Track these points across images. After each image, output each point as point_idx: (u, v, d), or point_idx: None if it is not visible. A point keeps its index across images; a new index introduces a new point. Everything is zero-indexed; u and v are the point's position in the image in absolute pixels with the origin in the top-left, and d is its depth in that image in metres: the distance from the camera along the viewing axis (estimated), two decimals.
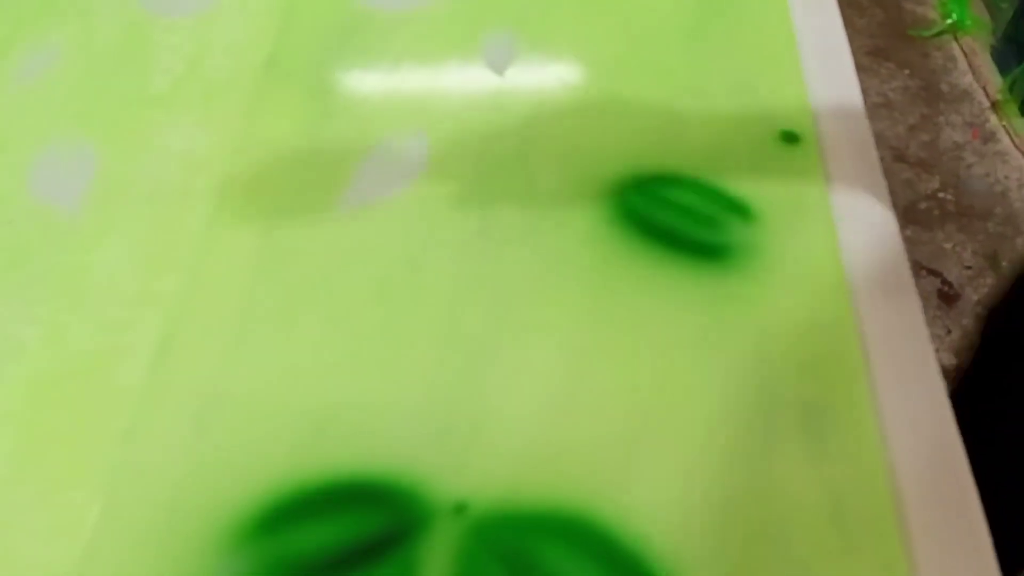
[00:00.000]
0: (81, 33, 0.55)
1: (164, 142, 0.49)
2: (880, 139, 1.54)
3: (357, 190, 0.47)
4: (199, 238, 0.45)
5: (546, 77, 0.52)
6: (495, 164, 0.47)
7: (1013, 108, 1.57)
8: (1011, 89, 1.56)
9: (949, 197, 1.49)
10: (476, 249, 0.44)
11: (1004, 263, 1.41)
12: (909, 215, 1.48)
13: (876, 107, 1.57)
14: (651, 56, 0.52)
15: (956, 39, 1.79)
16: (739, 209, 0.44)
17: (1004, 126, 1.59)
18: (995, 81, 1.61)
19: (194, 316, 0.42)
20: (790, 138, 0.47)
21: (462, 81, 0.52)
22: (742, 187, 0.45)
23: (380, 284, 0.43)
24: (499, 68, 0.53)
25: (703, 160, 0.47)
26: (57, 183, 0.47)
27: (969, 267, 1.43)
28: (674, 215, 0.44)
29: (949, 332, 1.36)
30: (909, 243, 1.34)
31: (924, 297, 1.39)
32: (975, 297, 1.39)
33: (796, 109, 0.49)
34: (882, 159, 0.54)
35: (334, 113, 0.51)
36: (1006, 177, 1.52)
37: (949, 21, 1.74)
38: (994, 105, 1.60)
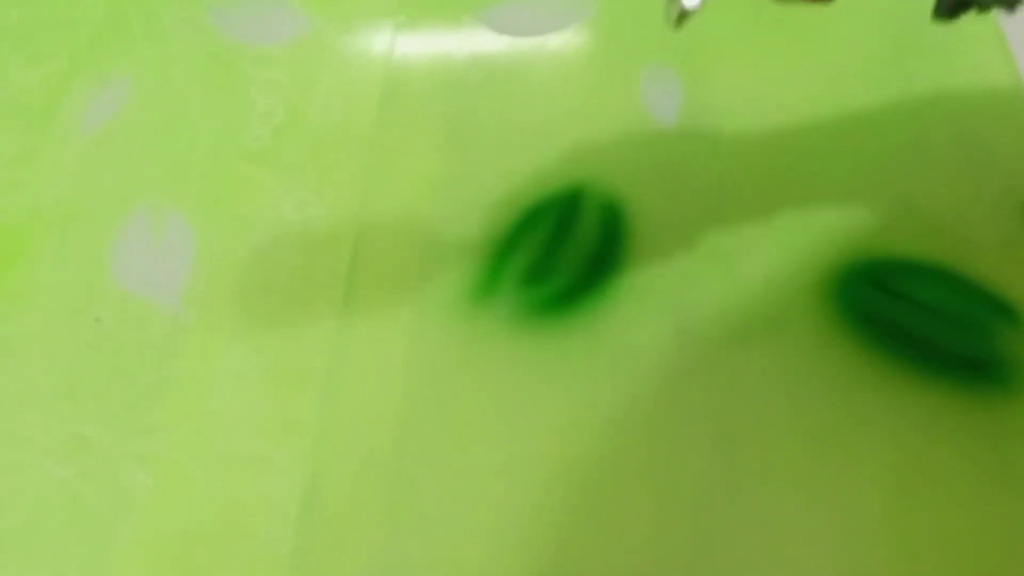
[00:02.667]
0: (154, 64, 0.46)
1: (273, 210, 0.40)
2: None
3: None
4: (336, 342, 0.36)
5: (724, 130, 0.43)
6: (683, 244, 0.39)
7: None
8: None
9: None
10: (674, 365, 0.35)
11: None
12: None
13: None
14: (852, 103, 0.43)
15: None
16: (1001, 309, 0.36)
17: None
18: None
19: (342, 450, 0.34)
20: None
21: (621, 129, 0.43)
22: (995, 276, 0.37)
23: (567, 417, 0.34)
24: (663, 110, 0.44)
25: (941, 242, 0.38)
26: (148, 269, 0.39)
27: None
28: (921, 316, 0.36)
29: None
30: None
31: None
32: None
33: None
34: None
35: (473, 167, 0.42)
36: None
37: None
38: None
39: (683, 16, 0.31)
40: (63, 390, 0.35)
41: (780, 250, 0.38)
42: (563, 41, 0.46)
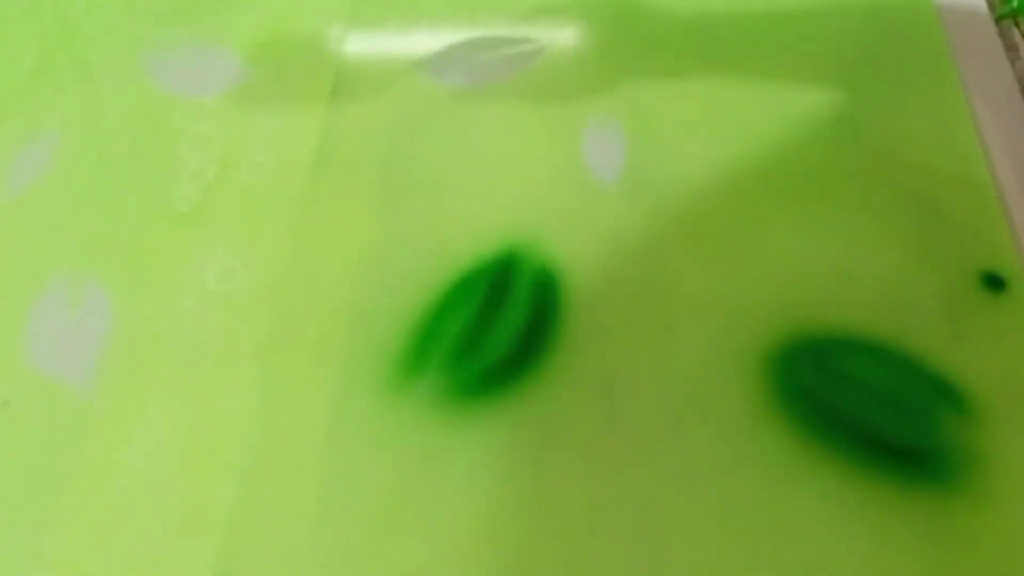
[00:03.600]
0: (84, 117, 0.44)
1: (197, 280, 0.39)
2: None
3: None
4: (255, 423, 0.35)
5: (666, 190, 0.41)
6: (619, 319, 0.37)
7: None
8: None
9: None
10: (603, 452, 0.34)
11: None
12: None
13: None
14: (798, 158, 0.41)
15: (1017, 26, 1.67)
16: (946, 393, 0.34)
17: None
18: None
19: (255, 547, 0.32)
20: (994, 283, 0.37)
21: (561, 189, 0.41)
22: (943, 356, 0.35)
23: (488, 510, 0.33)
24: (606, 169, 0.42)
25: (886, 315, 0.37)
26: (62, 346, 0.37)
27: None
28: (862, 399, 0.34)
29: None
30: None
31: None
32: None
33: (997, 243, 0.38)
34: None
35: (406, 227, 0.40)
36: None
37: (1010, 6, 1.61)
38: None
39: None
40: None
41: (719, 324, 0.37)
42: (505, 92, 0.44)
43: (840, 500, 0.32)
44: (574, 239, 0.40)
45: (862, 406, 0.34)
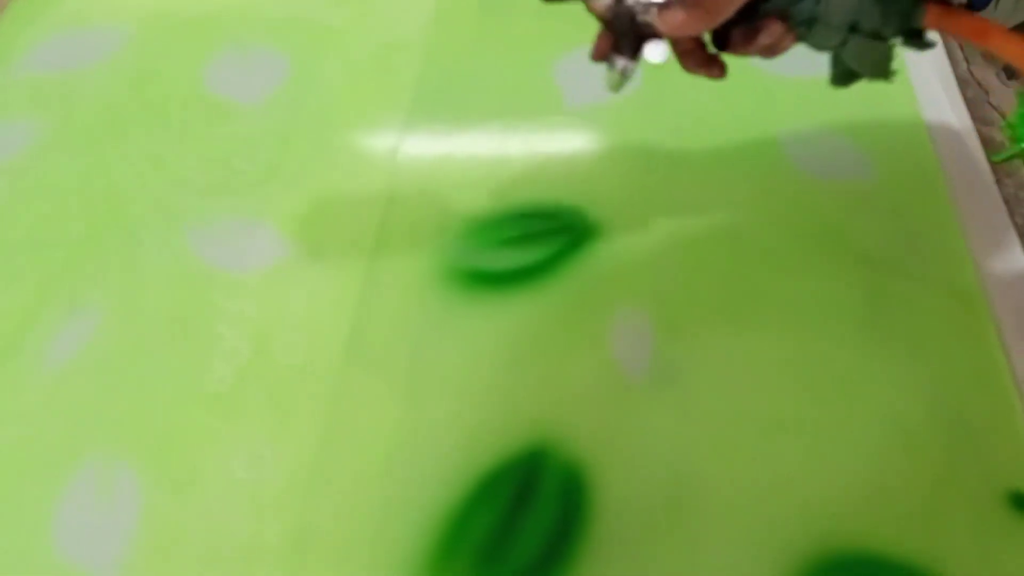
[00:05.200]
0: (126, 292, 0.46)
1: (225, 468, 0.39)
2: None
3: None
4: None
5: (693, 390, 0.41)
6: (646, 529, 0.37)
7: None
8: None
9: None
10: None
11: None
12: None
13: None
14: (824, 363, 0.42)
15: None
16: None
17: None
18: None
19: None
20: (1021, 504, 0.37)
21: (588, 384, 0.42)
22: None
23: None
24: (633, 363, 0.43)
25: (915, 533, 0.37)
26: (89, 535, 0.37)
27: None
28: None
29: None
30: None
31: None
32: None
33: (1020, 461, 0.38)
34: None
35: (433, 420, 0.41)
36: None
37: (1020, 146, 1.64)
38: None
39: (624, 77, 0.35)
40: None
41: (746, 537, 0.37)
42: (536, 282, 0.46)
43: None
44: (601, 437, 0.40)
45: None
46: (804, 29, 0.35)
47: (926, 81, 0.55)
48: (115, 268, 0.47)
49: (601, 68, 0.48)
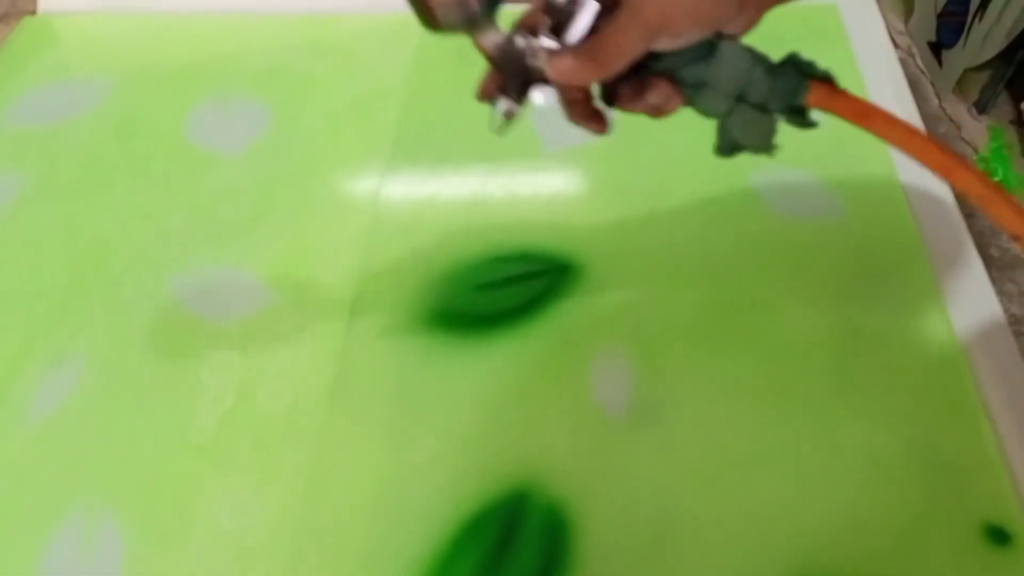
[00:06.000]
0: (110, 342, 0.46)
1: (210, 516, 0.39)
2: None
3: None
4: None
5: (673, 428, 0.42)
6: (629, 569, 0.37)
7: None
8: None
9: None
10: None
11: None
12: None
13: None
14: (799, 398, 0.43)
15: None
16: None
17: None
18: None
19: None
20: (999, 537, 0.38)
21: (569, 424, 0.43)
22: None
23: None
24: (613, 403, 0.43)
25: (891, 566, 0.37)
26: None
27: None
28: None
29: None
30: None
31: None
32: None
33: (1001, 495, 0.39)
34: None
35: (417, 464, 0.41)
36: None
37: (996, 179, 1.67)
38: None
39: (508, 119, 0.34)
40: None
41: (725, 573, 0.37)
42: (516, 325, 0.46)
43: None
44: (583, 478, 0.40)
45: None
46: (693, 92, 0.35)
47: (895, 111, 0.56)
48: (99, 318, 0.47)
49: None
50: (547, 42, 0.33)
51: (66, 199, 0.54)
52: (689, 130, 0.56)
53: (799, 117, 0.36)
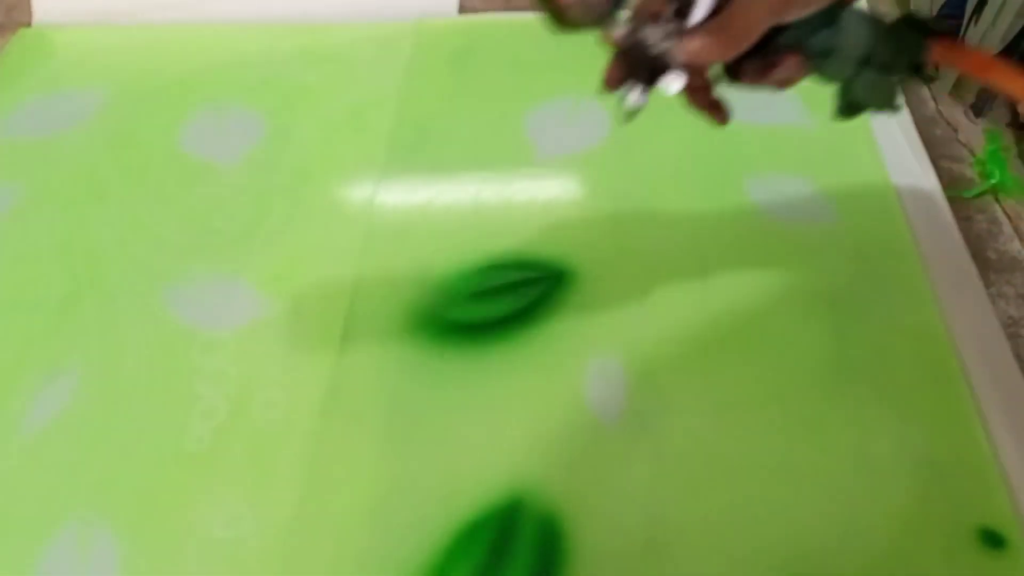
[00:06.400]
0: (104, 354, 0.46)
1: (204, 527, 0.39)
2: None
3: None
4: None
5: (667, 436, 0.42)
6: (619, 567, 0.37)
7: None
8: None
9: None
10: None
11: None
12: None
13: None
14: (794, 403, 0.43)
15: (998, 201, 1.73)
16: None
17: None
18: None
19: None
20: (993, 540, 0.38)
21: (563, 432, 0.43)
22: None
23: None
24: (607, 410, 0.43)
25: (885, 571, 0.37)
26: None
27: None
28: None
29: None
30: None
31: None
32: None
33: (995, 499, 0.39)
34: None
35: (411, 473, 0.41)
36: None
37: (990, 182, 1.66)
38: None
39: (636, 108, 0.34)
40: None
41: None
42: (511, 333, 0.46)
43: None
44: (577, 485, 0.40)
45: None
46: (819, 61, 0.36)
47: (886, 123, 0.56)
48: (93, 330, 0.48)
49: (572, 121, 0.50)
50: (675, 25, 0.33)
51: (60, 211, 0.54)
52: (683, 136, 0.56)
53: (920, 73, 0.36)
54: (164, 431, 0.43)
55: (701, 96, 0.36)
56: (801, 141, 0.56)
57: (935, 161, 1.01)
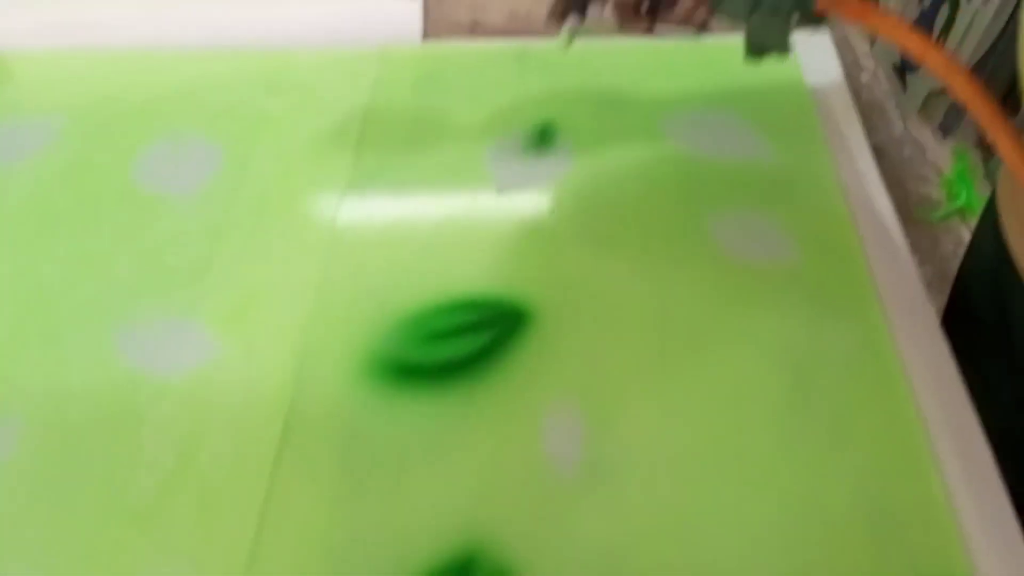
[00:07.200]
0: (49, 401, 0.45)
1: None
2: None
3: None
4: None
5: (624, 483, 0.42)
6: None
7: None
8: None
9: None
10: None
11: None
12: None
13: None
14: (755, 463, 0.42)
15: (964, 222, 1.74)
16: None
17: None
18: None
19: None
20: None
21: (519, 480, 0.42)
22: None
23: None
24: (564, 458, 0.43)
25: None
26: None
27: None
28: None
29: None
30: None
31: None
32: None
33: (950, 549, 0.39)
34: None
35: (365, 523, 0.40)
36: None
37: (957, 204, 1.66)
38: None
39: (574, 33, 0.48)
40: None
41: None
42: (468, 376, 0.46)
43: None
44: (533, 535, 0.40)
45: None
46: (717, 1, 0.45)
47: (848, 157, 0.56)
48: (39, 375, 0.46)
49: (533, 155, 0.52)
50: None
51: (8, 247, 0.53)
52: (643, 171, 0.56)
53: (813, 20, 0.44)
54: (107, 485, 0.42)
55: (627, 13, 0.47)
56: (762, 175, 0.56)
57: (903, 182, 1.02)
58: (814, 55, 0.64)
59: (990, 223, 0.49)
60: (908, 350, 0.46)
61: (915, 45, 0.41)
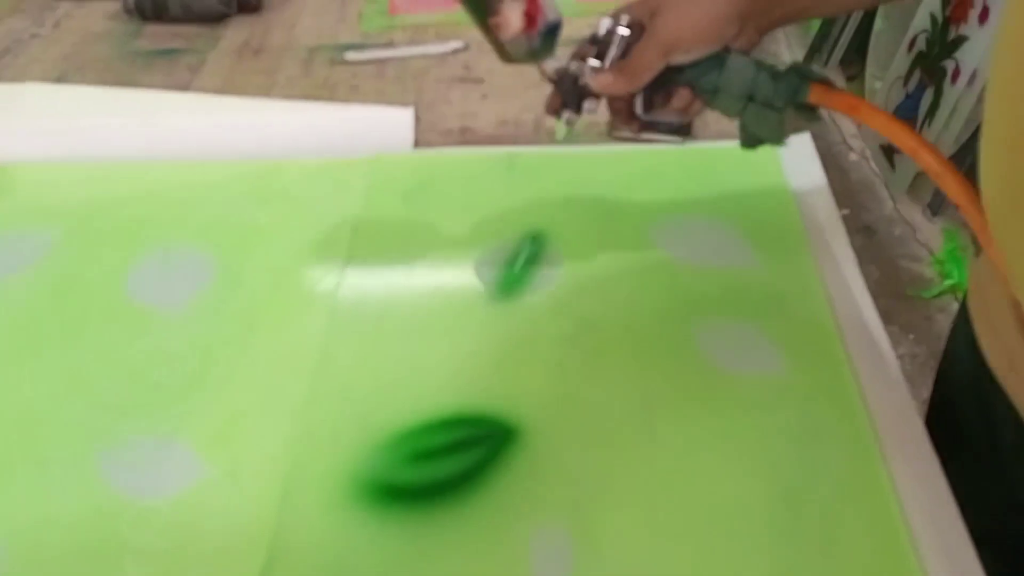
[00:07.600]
0: (31, 528, 0.45)
1: None
2: None
3: None
4: None
5: None
6: None
7: None
8: None
9: None
10: None
11: None
12: None
13: None
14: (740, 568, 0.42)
15: (958, 300, 1.75)
16: None
17: None
18: None
19: None
20: None
21: None
22: None
23: None
24: None
25: None
26: None
27: None
28: None
29: None
30: None
31: None
32: None
33: None
34: None
35: None
36: None
37: (948, 283, 1.68)
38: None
39: (570, 126, 0.49)
40: None
41: None
42: (455, 498, 0.45)
43: None
44: None
45: None
46: (711, 97, 0.46)
47: (833, 265, 0.57)
48: (21, 500, 0.46)
49: (521, 266, 0.53)
50: (593, 63, 0.46)
51: None
52: (629, 282, 0.56)
53: (807, 112, 0.45)
54: None
55: (621, 116, 0.49)
56: (748, 284, 0.56)
57: (895, 260, 1.02)
58: (796, 159, 0.65)
59: (963, 329, 0.50)
60: (898, 462, 0.45)
61: (906, 142, 0.42)
